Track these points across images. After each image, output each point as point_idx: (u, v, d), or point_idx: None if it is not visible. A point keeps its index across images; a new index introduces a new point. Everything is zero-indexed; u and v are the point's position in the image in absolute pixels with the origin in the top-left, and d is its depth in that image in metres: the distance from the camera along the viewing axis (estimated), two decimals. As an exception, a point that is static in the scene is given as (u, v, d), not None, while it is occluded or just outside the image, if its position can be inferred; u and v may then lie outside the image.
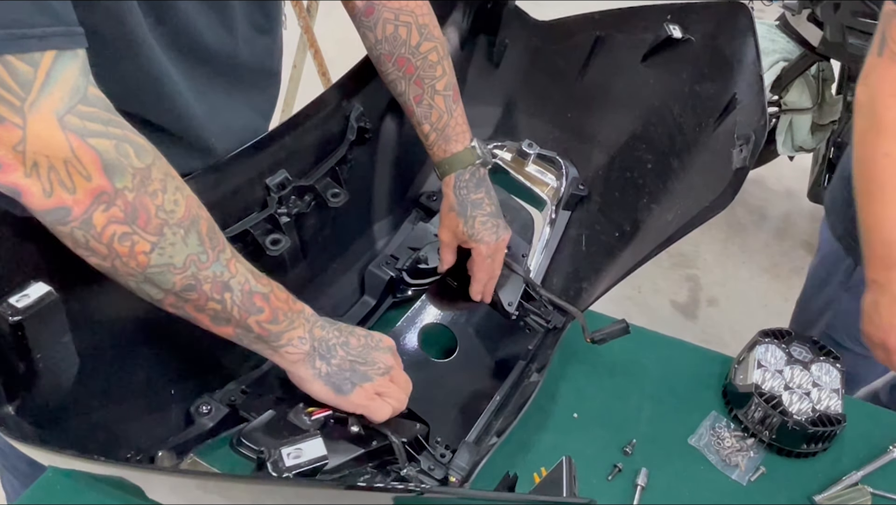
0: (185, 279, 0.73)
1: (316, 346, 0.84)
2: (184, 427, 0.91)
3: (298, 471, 0.73)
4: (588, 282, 1.13)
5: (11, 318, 0.67)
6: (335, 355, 0.86)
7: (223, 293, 0.76)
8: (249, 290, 0.78)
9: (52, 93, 0.63)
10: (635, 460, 1.02)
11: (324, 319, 0.87)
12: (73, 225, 0.67)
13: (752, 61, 1.04)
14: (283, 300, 0.82)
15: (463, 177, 1.05)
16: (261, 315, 0.79)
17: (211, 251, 0.74)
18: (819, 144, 2.67)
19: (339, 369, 0.86)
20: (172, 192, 0.70)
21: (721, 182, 0.99)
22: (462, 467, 0.93)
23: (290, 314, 0.82)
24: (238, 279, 0.77)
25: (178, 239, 0.71)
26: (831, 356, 1.13)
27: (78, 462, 0.67)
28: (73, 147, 0.63)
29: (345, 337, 0.87)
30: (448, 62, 1.03)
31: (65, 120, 0.63)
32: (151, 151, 0.69)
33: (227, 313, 0.77)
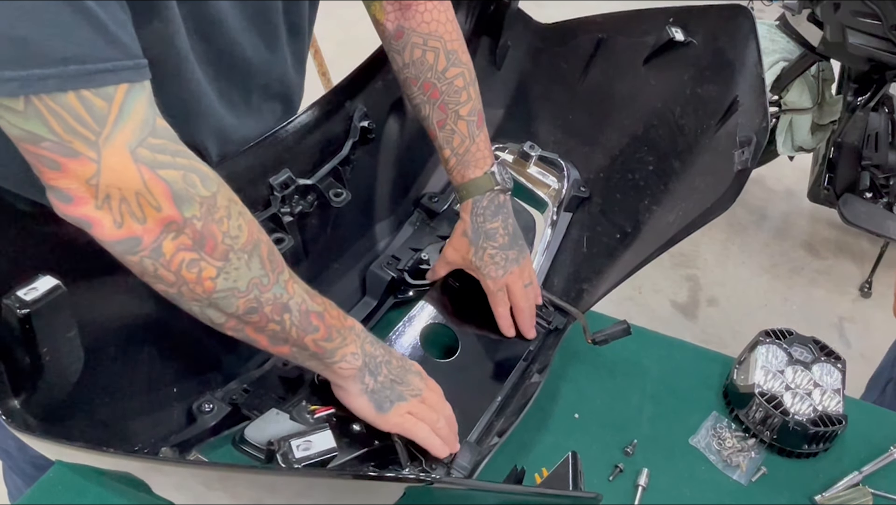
0: (247, 302, 0.74)
1: (367, 361, 0.86)
2: (185, 425, 0.91)
3: (308, 463, 0.73)
4: (589, 283, 1.13)
5: (20, 310, 0.68)
6: (381, 372, 0.87)
7: (282, 314, 0.77)
8: (306, 309, 0.79)
9: (125, 126, 0.64)
10: (636, 461, 1.02)
11: (371, 336, 0.88)
12: (142, 254, 0.68)
13: (753, 63, 1.04)
14: (336, 318, 0.83)
15: (481, 203, 1.04)
16: (316, 334, 0.81)
17: (272, 273, 0.76)
18: (819, 144, 2.67)
19: (382, 387, 0.87)
20: (236, 217, 0.72)
21: (722, 184, 1.00)
22: (464, 467, 0.93)
23: (343, 331, 0.83)
24: (296, 300, 0.78)
25: (242, 263, 0.72)
26: (832, 357, 1.13)
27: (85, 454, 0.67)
28: (144, 179, 0.65)
29: (388, 356, 0.89)
30: (475, 88, 1.03)
31: (137, 153, 0.65)
32: (216, 179, 0.71)
33: (286, 333, 0.79)
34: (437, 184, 1.25)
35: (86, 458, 0.69)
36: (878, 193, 2.52)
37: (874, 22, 2.23)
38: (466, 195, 1.05)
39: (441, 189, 1.25)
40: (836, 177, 2.55)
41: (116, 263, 0.83)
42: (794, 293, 2.77)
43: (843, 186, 2.54)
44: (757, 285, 2.78)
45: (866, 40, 2.27)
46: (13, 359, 0.70)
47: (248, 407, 0.92)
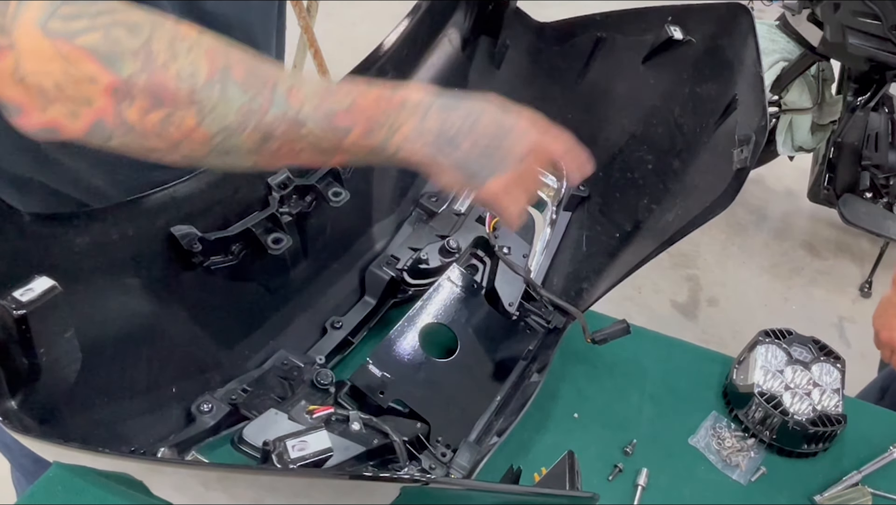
0: (252, 135, 0.66)
1: (432, 140, 0.74)
2: (185, 425, 0.91)
3: (303, 463, 0.73)
4: (589, 282, 1.13)
5: (16, 311, 0.67)
6: (459, 146, 0.75)
7: (300, 129, 0.68)
8: (326, 115, 0.69)
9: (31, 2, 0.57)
10: (636, 460, 1.02)
11: (445, 97, 0.75)
12: (117, 136, 0.62)
13: (752, 62, 1.04)
14: (372, 104, 0.71)
15: None
16: (354, 131, 0.70)
17: (261, 94, 0.66)
18: (819, 144, 2.67)
19: (469, 157, 0.76)
20: (185, 54, 0.63)
21: (722, 183, 1.00)
22: (463, 466, 0.93)
23: (389, 114, 0.72)
24: (308, 107, 0.68)
25: (216, 99, 0.64)
26: (832, 356, 1.13)
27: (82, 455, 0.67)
28: (64, 54, 0.58)
29: (473, 118, 0.76)
30: None
31: (48, 27, 0.58)
32: (147, 23, 0.62)
33: (319, 146, 0.70)
34: (436, 183, 1.25)
35: (83, 459, 0.68)
36: (878, 193, 2.52)
37: (874, 22, 2.24)
38: None
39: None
40: (836, 177, 2.55)
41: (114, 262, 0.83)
42: (794, 293, 2.77)
43: (843, 186, 2.54)
44: (757, 285, 2.78)
45: (866, 40, 2.27)
46: (10, 360, 0.70)
47: (248, 407, 0.92)
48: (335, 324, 1.07)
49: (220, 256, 0.93)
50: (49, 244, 0.77)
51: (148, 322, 0.88)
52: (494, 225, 1.15)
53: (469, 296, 1.09)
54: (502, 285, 1.12)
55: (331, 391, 0.96)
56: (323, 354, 1.03)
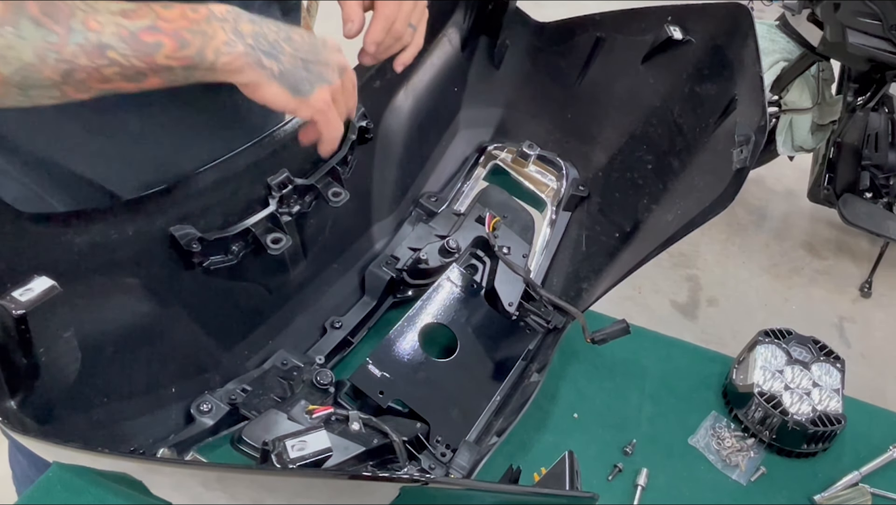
0: (55, 68, 0.64)
1: (252, 43, 0.73)
2: (184, 425, 0.91)
3: (302, 463, 0.73)
4: (588, 282, 1.13)
5: (15, 311, 0.67)
6: (282, 51, 0.74)
7: (105, 54, 0.66)
8: (129, 34, 0.67)
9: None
10: (635, 460, 1.02)
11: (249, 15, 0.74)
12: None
13: (752, 62, 1.04)
14: (176, 18, 0.69)
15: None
16: (164, 48, 0.68)
17: (57, 26, 0.63)
18: (819, 144, 2.67)
19: (293, 67, 0.75)
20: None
21: (721, 182, 1.00)
22: (463, 466, 0.93)
23: (199, 25, 0.70)
24: (109, 31, 0.66)
25: (11, 38, 0.62)
26: (832, 356, 1.13)
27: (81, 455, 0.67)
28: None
29: (285, 32, 0.76)
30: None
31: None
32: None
33: (131, 69, 0.67)
34: (436, 183, 1.25)
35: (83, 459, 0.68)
36: (878, 193, 2.52)
37: (874, 22, 2.24)
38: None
39: (440, 189, 1.25)
40: (836, 177, 2.56)
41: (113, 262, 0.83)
42: (794, 293, 2.77)
43: (843, 186, 2.55)
44: (757, 285, 2.78)
45: (866, 40, 2.27)
46: (9, 360, 0.70)
47: (247, 407, 0.92)
48: (335, 324, 1.07)
49: (220, 256, 0.93)
50: (49, 244, 0.77)
51: (147, 322, 0.88)
52: (494, 225, 1.15)
53: (469, 296, 1.09)
54: (502, 285, 1.12)
55: (330, 391, 0.96)
56: (322, 354, 1.03)
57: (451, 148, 1.26)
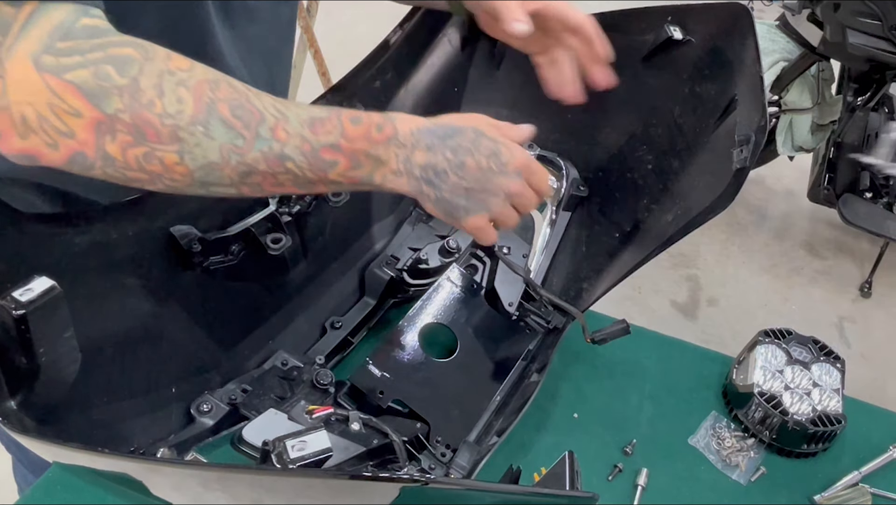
0: (235, 169, 0.66)
1: (419, 174, 0.74)
2: (184, 425, 0.91)
3: (302, 463, 0.73)
4: (588, 282, 1.13)
5: (15, 311, 0.67)
6: (446, 181, 0.75)
7: (284, 164, 0.68)
8: (311, 149, 0.69)
9: (31, 34, 0.58)
10: (635, 460, 1.02)
11: (433, 134, 0.74)
12: (98, 166, 0.63)
13: (752, 62, 1.04)
14: (359, 139, 0.71)
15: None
16: (338, 167, 0.70)
17: (246, 130, 0.66)
18: (819, 144, 2.67)
19: (452, 196, 0.76)
20: (172, 90, 0.63)
21: (721, 182, 0.99)
22: (463, 466, 0.93)
23: (375, 150, 0.72)
24: (293, 143, 0.68)
25: (200, 137, 0.64)
26: (832, 356, 1.13)
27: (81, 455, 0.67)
28: (51, 87, 0.59)
29: (460, 158, 0.75)
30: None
31: (41, 61, 0.59)
32: (140, 58, 0.62)
33: (304, 178, 0.70)
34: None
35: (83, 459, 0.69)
36: (878, 193, 2.52)
37: (874, 22, 2.24)
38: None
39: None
40: (836, 177, 2.55)
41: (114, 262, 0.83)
42: (794, 293, 2.77)
43: (843, 186, 2.54)
44: (757, 285, 2.78)
45: (866, 40, 2.27)
46: (9, 360, 0.70)
47: (247, 407, 0.92)
48: (335, 324, 1.07)
49: (220, 255, 0.93)
50: (49, 244, 0.77)
51: (147, 322, 0.88)
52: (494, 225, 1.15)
53: (469, 296, 1.09)
54: (502, 285, 1.12)
55: (330, 391, 0.96)
56: (322, 354, 1.03)
57: (451, 148, 1.26)
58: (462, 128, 0.76)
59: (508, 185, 0.78)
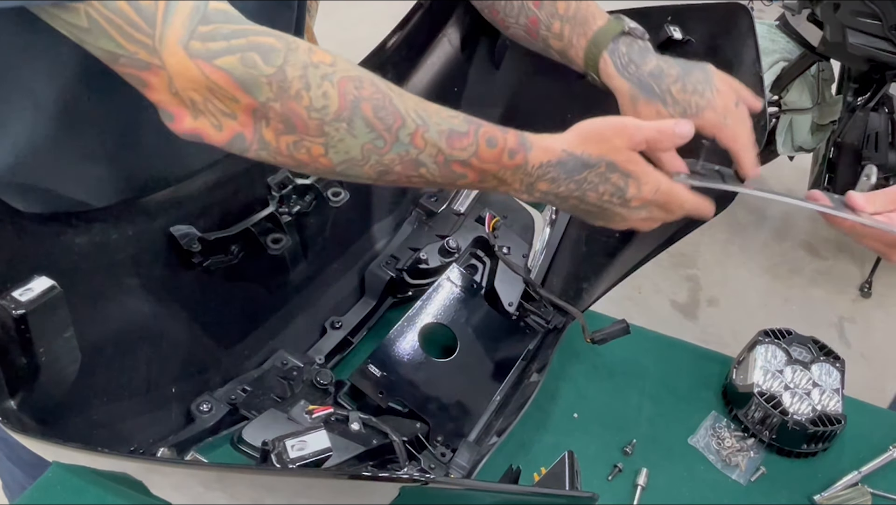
0: (373, 168, 0.70)
1: (539, 196, 0.77)
2: (184, 425, 0.91)
3: (302, 463, 0.73)
4: (588, 282, 1.13)
5: (15, 311, 0.68)
6: (564, 204, 0.79)
7: (418, 169, 0.71)
8: (444, 160, 0.71)
9: (174, 22, 0.60)
10: (635, 460, 1.02)
11: (562, 167, 0.75)
12: (254, 148, 0.66)
13: (752, 62, 1.04)
14: (491, 161, 0.73)
15: (619, 50, 0.88)
16: (466, 179, 0.74)
17: (386, 133, 0.68)
18: (819, 144, 2.67)
19: (572, 211, 0.80)
20: (318, 84, 0.65)
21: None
22: (462, 466, 0.93)
23: (502, 173, 0.74)
24: (428, 152, 0.70)
25: (343, 133, 0.67)
26: (832, 356, 1.13)
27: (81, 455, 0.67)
28: (206, 74, 0.62)
29: (582, 192, 0.77)
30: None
31: (190, 47, 0.61)
32: (283, 48, 0.64)
33: (433, 182, 0.73)
34: (436, 184, 1.25)
35: (83, 459, 0.69)
36: (878, 193, 2.52)
37: (874, 22, 2.24)
38: (597, 52, 0.89)
39: (440, 188, 1.25)
40: (836, 177, 2.55)
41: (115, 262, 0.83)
42: (794, 293, 2.77)
43: (843, 186, 2.54)
44: (757, 285, 2.78)
45: (866, 40, 2.27)
46: (9, 360, 0.70)
47: (247, 407, 0.92)
48: (335, 324, 1.07)
49: (220, 255, 0.93)
50: (49, 244, 0.77)
51: (147, 322, 0.88)
52: (494, 225, 1.15)
53: (468, 296, 1.09)
54: (502, 285, 1.12)
55: (330, 391, 0.96)
56: (322, 354, 1.03)
57: (451, 148, 1.26)
58: (595, 162, 0.76)
59: (629, 216, 0.80)
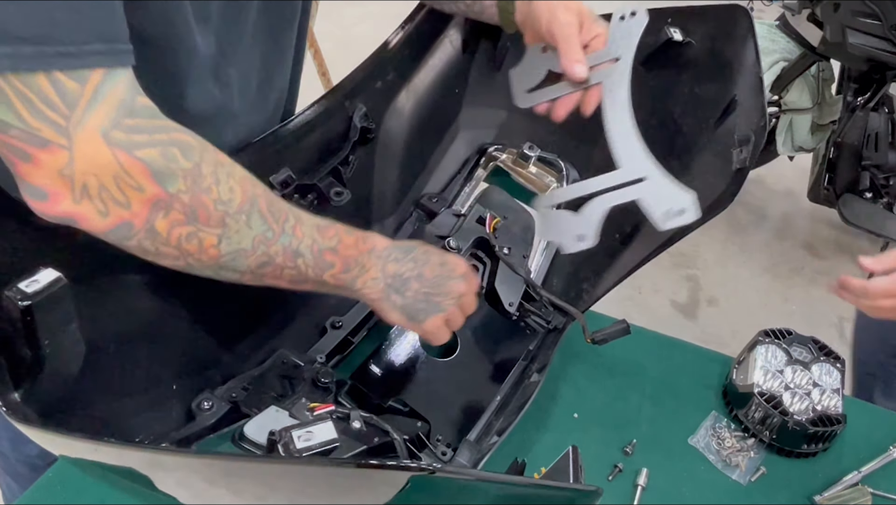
0: (257, 258, 0.74)
1: (390, 282, 0.86)
2: (185, 423, 0.91)
3: (309, 453, 0.73)
4: (588, 283, 1.14)
5: (21, 302, 0.68)
6: (409, 288, 0.87)
7: (295, 260, 0.77)
8: (318, 249, 0.79)
9: (99, 109, 0.62)
10: (635, 460, 1.03)
11: (398, 249, 0.87)
12: (138, 238, 0.67)
13: (751, 63, 1.04)
14: (352, 246, 0.82)
15: None
16: (333, 269, 0.81)
17: (275, 225, 0.74)
18: (819, 144, 2.67)
19: (414, 301, 0.87)
20: (226, 180, 0.70)
21: (721, 183, 1.00)
22: (463, 466, 0.93)
23: (361, 259, 0.83)
24: (306, 242, 0.78)
25: (241, 225, 0.71)
26: (832, 356, 1.13)
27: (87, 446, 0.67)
28: (120, 162, 0.63)
29: (419, 269, 0.88)
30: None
31: (111, 136, 0.62)
32: (198, 146, 0.69)
33: (303, 276, 0.79)
34: (437, 184, 1.25)
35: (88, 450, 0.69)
36: (878, 193, 2.52)
37: (874, 22, 2.24)
38: None
39: (441, 189, 1.25)
40: (836, 177, 2.55)
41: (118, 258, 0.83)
42: (794, 293, 2.77)
43: (843, 186, 2.54)
44: (757, 285, 2.78)
45: (866, 40, 2.27)
46: (14, 351, 0.71)
47: (248, 405, 0.92)
48: (335, 324, 1.07)
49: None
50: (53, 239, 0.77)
51: (149, 319, 0.88)
52: (495, 225, 1.16)
53: None
54: (502, 286, 1.12)
55: (331, 390, 0.96)
56: (323, 353, 1.03)
57: (451, 149, 1.26)
58: (416, 245, 0.89)
59: (458, 287, 0.90)
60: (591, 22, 0.92)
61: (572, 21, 0.91)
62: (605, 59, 0.88)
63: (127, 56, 0.64)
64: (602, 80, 0.88)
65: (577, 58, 0.90)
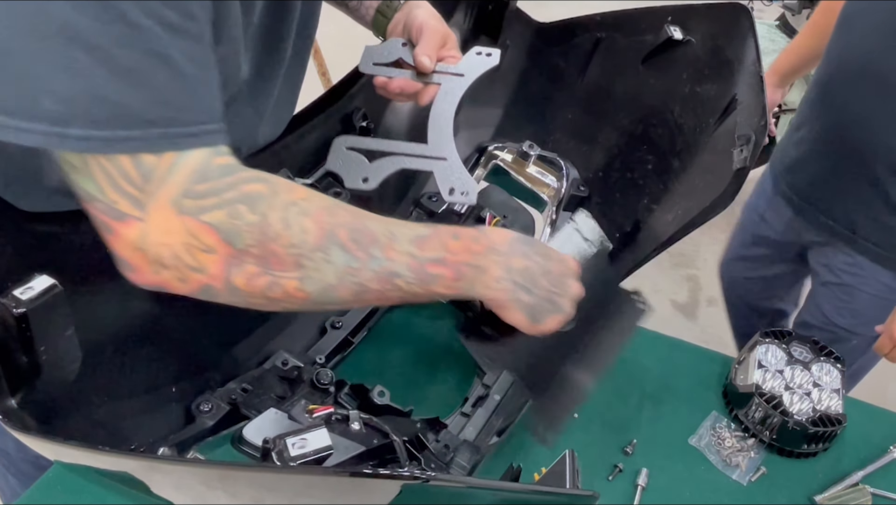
0: (348, 289, 0.71)
1: (518, 280, 0.79)
2: (184, 425, 0.91)
3: (303, 461, 0.73)
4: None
5: (16, 310, 0.67)
6: (538, 286, 0.80)
7: (394, 281, 0.72)
8: (419, 265, 0.73)
9: (173, 180, 0.62)
10: (636, 460, 1.02)
11: (521, 242, 0.80)
12: (223, 296, 0.67)
13: (752, 62, 1.04)
14: (461, 252, 0.76)
15: None
16: (444, 280, 0.75)
17: (360, 252, 0.70)
18: (819, 145, 2.66)
19: (540, 300, 0.81)
20: (297, 222, 0.68)
21: (721, 182, 0.99)
22: (463, 466, 0.93)
23: (476, 260, 0.76)
24: (402, 260, 0.72)
25: (320, 263, 0.69)
26: (832, 357, 1.13)
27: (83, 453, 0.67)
28: (189, 229, 0.63)
29: (544, 262, 0.81)
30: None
31: (181, 204, 0.63)
32: (268, 193, 0.67)
33: (411, 293, 0.74)
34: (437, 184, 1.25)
35: (84, 457, 0.69)
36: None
37: (874, 22, 2.23)
38: None
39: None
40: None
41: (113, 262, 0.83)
42: (794, 293, 2.77)
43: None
44: (757, 285, 2.78)
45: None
46: (10, 358, 0.70)
47: (247, 407, 0.92)
48: (335, 324, 1.07)
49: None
50: (50, 243, 0.77)
51: (148, 322, 0.88)
52: (494, 225, 1.15)
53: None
54: None
55: (331, 391, 0.96)
56: (323, 353, 1.03)
57: (451, 148, 1.26)
58: (532, 238, 0.83)
59: (576, 288, 0.84)
60: (453, 44, 0.99)
61: (440, 31, 0.97)
62: (451, 72, 0.97)
63: (223, 136, 0.66)
64: (442, 83, 0.97)
65: (430, 53, 0.95)
